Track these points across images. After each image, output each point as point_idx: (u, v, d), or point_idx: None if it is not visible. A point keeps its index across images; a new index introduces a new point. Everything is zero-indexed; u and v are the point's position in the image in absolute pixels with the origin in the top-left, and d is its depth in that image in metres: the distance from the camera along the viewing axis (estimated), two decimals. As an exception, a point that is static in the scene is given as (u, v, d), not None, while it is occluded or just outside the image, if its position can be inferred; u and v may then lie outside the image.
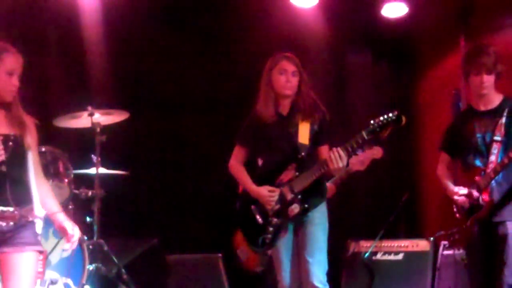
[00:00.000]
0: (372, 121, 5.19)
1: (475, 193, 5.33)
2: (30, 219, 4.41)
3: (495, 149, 5.30)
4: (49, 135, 7.14)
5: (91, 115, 6.74)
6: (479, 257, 5.39)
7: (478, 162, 5.39)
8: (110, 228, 6.92)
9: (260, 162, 5.71)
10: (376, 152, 6.50)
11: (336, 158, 5.18)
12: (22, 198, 4.40)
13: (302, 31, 7.85)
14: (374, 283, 6.97)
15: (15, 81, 4.47)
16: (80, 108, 6.79)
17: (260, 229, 5.46)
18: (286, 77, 5.43)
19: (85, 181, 6.84)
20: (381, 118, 5.17)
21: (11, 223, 4.35)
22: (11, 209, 4.34)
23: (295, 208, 5.36)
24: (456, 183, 5.52)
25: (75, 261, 6.24)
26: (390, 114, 5.16)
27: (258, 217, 5.47)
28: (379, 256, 7.10)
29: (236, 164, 5.64)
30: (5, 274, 4.37)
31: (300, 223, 5.41)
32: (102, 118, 6.81)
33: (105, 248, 6.66)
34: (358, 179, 6.84)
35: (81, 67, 7.91)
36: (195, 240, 7.63)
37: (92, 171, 6.83)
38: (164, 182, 7.97)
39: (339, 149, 5.19)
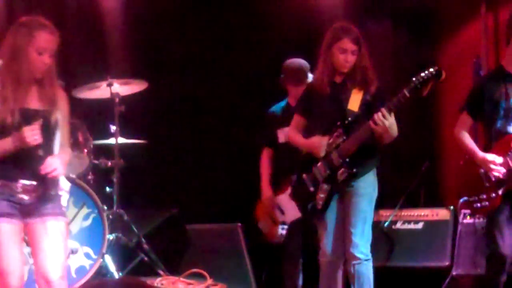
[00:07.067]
0: (413, 78, 5.12)
1: (511, 163, 5.20)
2: (53, 192, 4.50)
3: None
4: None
5: (109, 85, 6.74)
6: (503, 225, 5.23)
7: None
8: (130, 198, 6.96)
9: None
10: None
11: (380, 118, 5.13)
12: None
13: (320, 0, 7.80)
14: (394, 252, 6.97)
15: (46, 59, 4.48)
16: (99, 79, 6.79)
17: (310, 197, 5.43)
18: (345, 57, 5.37)
19: (105, 151, 6.86)
20: (422, 74, 5.11)
21: (34, 195, 4.43)
22: (34, 183, 4.42)
23: (343, 173, 5.32)
24: (481, 149, 5.36)
25: (95, 230, 6.28)
26: (431, 69, 5.10)
27: (309, 185, 5.46)
28: (399, 225, 7.07)
29: (293, 131, 5.65)
30: (32, 243, 4.51)
31: (345, 192, 5.39)
32: (120, 88, 6.81)
33: (125, 217, 6.70)
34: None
35: (100, 37, 7.90)
36: (215, 210, 7.64)
37: (111, 141, 6.84)
38: (183, 151, 7.97)
39: (382, 109, 5.15)
